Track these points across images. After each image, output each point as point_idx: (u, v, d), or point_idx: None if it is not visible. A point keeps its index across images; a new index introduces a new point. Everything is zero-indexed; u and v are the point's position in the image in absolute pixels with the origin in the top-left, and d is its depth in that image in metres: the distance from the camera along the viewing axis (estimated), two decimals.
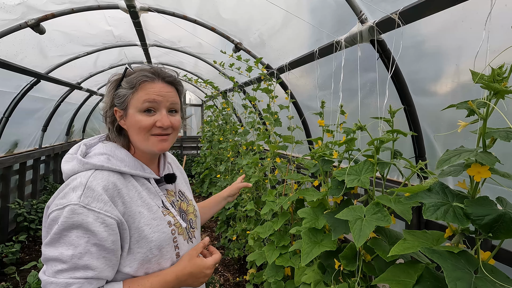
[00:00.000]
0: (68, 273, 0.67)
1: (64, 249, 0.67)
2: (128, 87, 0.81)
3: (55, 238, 0.68)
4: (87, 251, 0.68)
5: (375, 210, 0.89)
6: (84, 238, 0.68)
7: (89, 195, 0.70)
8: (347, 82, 1.74)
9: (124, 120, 0.83)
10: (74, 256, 0.67)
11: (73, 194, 0.70)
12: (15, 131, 3.65)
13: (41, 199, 4.22)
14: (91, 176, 0.73)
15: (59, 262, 0.67)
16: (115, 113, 0.84)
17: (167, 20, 2.77)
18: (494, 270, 0.66)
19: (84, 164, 0.76)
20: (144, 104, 0.80)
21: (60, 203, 0.70)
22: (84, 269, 0.68)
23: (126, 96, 0.81)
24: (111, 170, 0.77)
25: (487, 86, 0.66)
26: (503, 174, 0.70)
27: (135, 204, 0.78)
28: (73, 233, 0.68)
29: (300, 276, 1.33)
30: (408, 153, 1.60)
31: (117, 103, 0.82)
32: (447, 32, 1.27)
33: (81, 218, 0.68)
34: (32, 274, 2.59)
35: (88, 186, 0.71)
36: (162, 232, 0.81)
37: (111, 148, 0.82)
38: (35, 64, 3.13)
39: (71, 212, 0.68)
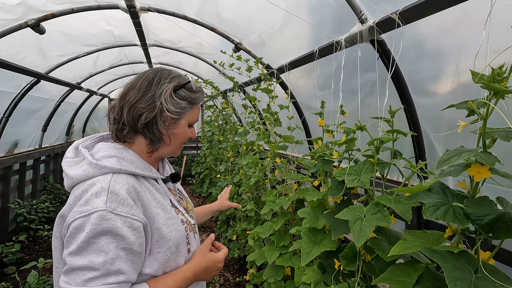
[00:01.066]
0: (100, 280, 0.66)
1: (94, 256, 0.66)
2: (190, 102, 0.85)
3: (82, 246, 0.66)
4: (117, 256, 0.68)
5: (375, 210, 0.89)
6: (113, 243, 0.68)
7: (114, 200, 0.69)
8: (347, 82, 1.74)
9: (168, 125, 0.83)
10: (106, 262, 0.66)
11: (97, 200, 0.68)
12: (15, 131, 3.65)
13: (41, 199, 4.22)
14: (111, 180, 0.72)
15: (89, 270, 0.66)
16: (165, 117, 0.82)
17: (167, 20, 2.77)
18: (494, 270, 0.66)
19: (100, 168, 0.74)
20: (194, 121, 0.90)
21: (83, 210, 0.68)
22: (116, 274, 0.68)
23: (186, 108, 0.85)
24: (127, 173, 0.77)
25: (487, 86, 0.66)
26: (503, 174, 0.70)
27: (152, 205, 0.78)
28: (102, 240, 0.67)
29: (300, 276, 1.33)
30: (408, 153, 1.60)
31: (174, 111, 0.82)
32: (447, 32, 1.27)
33: (111, 224, 0.67)
34: (32, 274, 2.59)
35: (111, 190, 0.70)
36: (178, 231, 0.83)
37: (118, 150, 0.80)
38: (35, 64, 3.13)
39: (100, 218, 0.67)
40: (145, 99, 0.80)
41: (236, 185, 3.00)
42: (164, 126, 0.82)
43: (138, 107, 0.79)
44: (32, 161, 4.15)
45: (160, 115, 0.81)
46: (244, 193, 2.43)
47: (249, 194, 2.43)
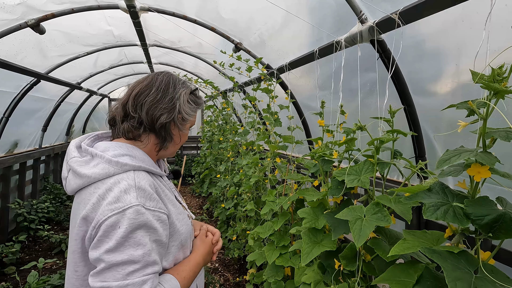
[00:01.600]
0: (140, 272, 0.69)
1: (133, 250, 0.68)
2: (196, 107, 0.94)
3: (120, 242, 0.68)
4: (152, 248, 0.72)
5: (375, 210, 0.89)
6: (147, 236, 0.71)
7: (142, 195, 0.72)
8: (347, 82, 1.74)
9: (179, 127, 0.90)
10: (145, 254, 0.70)
11: (129, 196, 0.71)
12: (15, 131, 3.65)
13: (41, 199, 4.22)
14: (135, 176, 0.75)
15: (130, 264, 0.68)
16: (178, 118, 0.88)
17: (167, 20, 2.77)
18: (494, 270, 0.66)
19: (121, 166, 0.75)
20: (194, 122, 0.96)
21: (116, 207, 0.69)
22: (153, 265, 0.71)
23: (193, 112, 0.93)
24: (144, 170, 0.80)
25: (487, 86, 0.66)
26: (503, 174, 0.70)
27: (164, 200, 0.81)
28: (138, 233, 0.69)
29: (300, 276, 1.33)
30: (408, 153, 1.60)
31: (188, 113, 0.90)
32: (447, 32, 1.27)
33: (146, 217, 0.70)
34: (32, 274, 2.59)
35: (138, 186, 0.73)
36: (187, 225, 0.88)
37: (127, 148, 0.81)
38: (35, 64, 3.13)
39: (136, 213, 0.69)
40: (165, 101, 0.85)
41: (236, 185, 3.00)
42: (177, 127, 0.89)
43: (159, 108, 0.83)
44: (32, 161, 4.15)
45: (177, 117, 0.87)
46: (244, 193, 2.43)
47: (249, 194, 2.43)
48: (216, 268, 3.15)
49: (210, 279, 2.60)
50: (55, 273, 2.77)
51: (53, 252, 3.44)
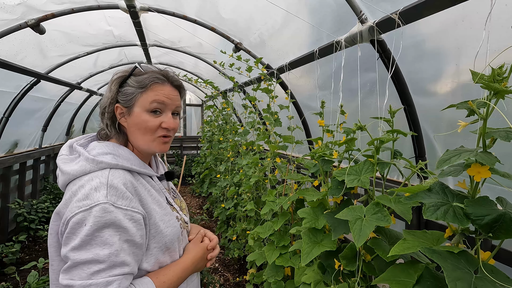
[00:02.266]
0: (106, 272, 0.67)
1: (99, 249, 0.67)
2: (138, 86, 0.81)
3: (86, 240, 0.66)
4: (121, 248, 0.69)
5: (375, 210, 0.89)
6: (116, 236, 0.68)
7: (113, 194, 0.70)
8: (347, 82, 1.74)
9: (125, 118, 0.83)
10: (112, 254, 0.67)
11: (98, 194, 0.69)
12: (15, 131, 3.65)
13: (41, 199, 4.22)
14: (109, 174, 0.73)
15: (95, 263, 0.66)
16: (115, 109, 0.83)
17: (167, 20, 2.77)
18: (494, 270, 0.66)
19: (97, 164, 0.75)
20: (152, 104, 0.81)
21: (84, 204, 0.68)
22: (121, 266, 0.69)
23: (134, 94, 0.81)
24: (124, 169, 0.78)
25: (487, 86, 0.66)
26: (503, 174, 0.70)
27: (148, 201, 0.79)
28: (105, 232, 0.67)
29: (300, 276, 1.33)
30: (408, 153, 1.61)
31: (122, 100, 0.82)
32: (447, 32, 1.27)
33: (114, 216, 0.68)
34: (32, 274, 2.59)
35: (110, 184, 0.71)
36: (174, 227, 0.84)
37: (113, 147, 0.81)
38: (35, 64, 3.13)
39: (102, 211, 0.67)
40: (104, 101, 0.84)
41: (236, 185, 3.00)
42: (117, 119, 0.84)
43: (104, 105, 0.84)
44: (32, 161, 4.15)
45: (110, 108, 0.83)
46: (244, 193, 2.43)
47: (249, 194, 2.43)
48: (216, 268, 3.15)
49: (210, 279, 2.60)
50: None
51: None
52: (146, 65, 0.86)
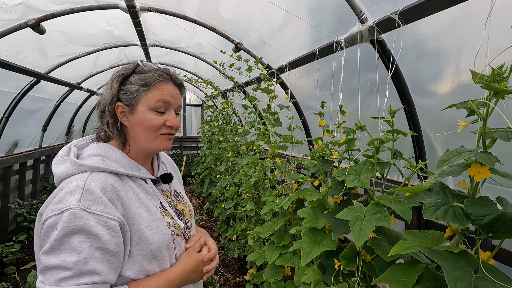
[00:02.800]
0: (73, 280, 0.64)
1: (67, 255, 0.64)
2: (142, 84, 0.79)
3: (55, 245, 0.65)
4: (91, 256, 0.66)
5: (375, 210, 0.89)
6: (87, 243, 0.66)
7: (88, 198, 0.68)
8: (347, 82, 1.74)
9: (127, 117, 0.81)
10: (79, 262, 0.65)
11: (71, 198, 0.67)
12: (15, 131, 3.65)
13: (41, 199, 4.22)
14: (88, 178, 0.71)
15: (62, 270, 0.64)
16: (116, 108, 0.80)
17: (167, 20, 2.77)
18: (494, 270, 0.66)
19: (79, 166, 0.73)
20: (158, 103, 0.80)
21: (57, 208, 0.66)
22: (90, 275, 0.66)
23: (137, 92, 0.79)
24: (108, 172, 0.75)
25: (487, 86, 0.66)
26: (503, 174, 0.70)
27: (134, 205, 0.76)
28: (74, 238, 0.65)
29: (300, 276, 1.33)
30: (408, 153, 1.61)
31: (124, 98, 0.80)
32: (447, 32, 1.27)
33: (83, 222, 0.65)
34: (32, 274, 2.59)
35: (86, 188, 0.68)
36: (162, 234, 0.79)
37: (105, 149, 0.79)
38: (35, 64, 3.13)
39: (71, 216, 0.65)
40: (105, 99, 0.81)
41: (236, 185, 3.00)
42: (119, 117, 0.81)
43: (104, 103, 0.81)
44: (32, 161, 4.15)
45: (111, 106, 0.80)
46: (244, 193, 2.43)
47: (249, 194, 2.43)
48: (216, 268, 3.15)
49: (210, 279, 2.60)
50: None
51: None
52: (147, 63, 0.84)
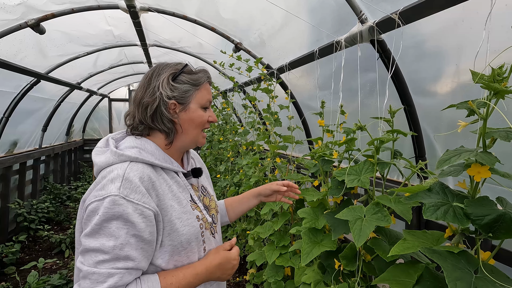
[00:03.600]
0: (110, 264, 0.68)
1: (105, 240, 0.68)
2: (193, 84, 0.86)
3: (95, 228, 0.69)
4: (127, 242, 0.69)
5: (375, 210, 0.89)
6: (124, 229, 0.69)
7: (127, 187, 0.71)
8: (347, 82, 1.74)
9: (178, 114, 0.85)
10: (116, 247, 0.68)
11: (112, 186, 0.71)
12: (15, 131, 3.65)
13: (41, 199, 4.22)
14: (127, 167, 0.75)
15: (100, 253, 0.68)
16: (169, 106, 0.83)
17: (167, 20, 2.77)
18: (494, 270, 0.66)
19: (119, 156, 0.77)
20: (206, 102, 0.88)
21: (99, 194, 0.71)
22: (125, 260, 0.69)
23: (190, 92, 0.85)
24: (144, 163, 0.79)
25: (487, 86, 0.66)
26: (503, 174, 0.70)
27: (167, 197, 0.79)
28: (113, 224, 0.69)
29: (300, 276, 1.33)
30: (408, 153, 1.60)
31: (178, 95, 0.84)
32: (447, 32, 1.27)
33: (122, 209, 0.69)
34: (32, 274, 2.59)
35: (125, 177, 0.72)
36: (192, 226, 0.82)
37: (141, 142, 0.83)
38: (35, 64, 3.13)
39: (112, 203, 0.69)
40: (147, 94, 0.83)
41: (236, 185, 3.00)
42: (171, 114, 0.84)
43: (143, 103, 0.83)
44: (32, 161, 4.15)
45: (164, 104, 0.82)
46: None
47: None
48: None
49: None
50: (55, 273, 2.77)
51: (53, 252, 3.44)
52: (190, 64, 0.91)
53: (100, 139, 4.23)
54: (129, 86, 7.03)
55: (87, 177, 5.98)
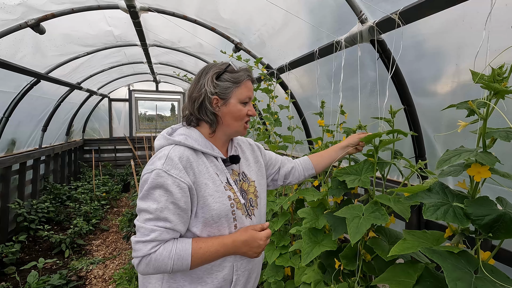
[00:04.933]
0: (153, 222, 0.85)
1: (151, 203, 0.86)
2: (234, 81, 0.98)
3: (145, 194, 0.87)
4: (166, 207, 0.86)
5: (373, 208, 0.89)
6: (164, 196, 0.86)
7: (169, 163, 0.88)
8: (347, 82, 1.74)
9: (220, 107, 0.98)
10: (157, 210, 0.85)
11: (158, 162, 0.88)
12: (15, 131, 3.65)
13: (41, 199, 4.22)
14: (171, 149, 0.92)
15: (147, 213, 0.86)
16: (212, 100, 0.97)
17: (167, 20, 2.77)
18: (494, 270, 0.66)
19: (167, 140, 0.96)
20: (246, 98, 1.00)
21: (149, 168, 0.89)
22: (164, 221, 0.86)
23: (230, 88, 0.98)
24: (186, 146, 0.95)
25: (487, 86, 0.66)
26: (503, 174, 0.70)
27: (203, 176, 0.93)
28: (157, 192, 0.86)
29: (300, 276, 1.33)
30: (408, 153, 1.61)
31: (219, 91, 0.97)
32: (447, 32, 1.27)
33: (163, 180, 0.86)
34: (32, 274, 2.59)
35: (169, 156, 0.89)
36: (222, 204, 0.94)
37: (189, 130, 1.00)
38: (35, 64, 3.13)
39: (156, 175, 0.86)
40: (196, 89, 0.99)
41: None
42: (213, 108, 0.97)
43: (192, 96, 0.99)
44: (32, 161, 4.15)
45: (208, 99, 0.97)
46: None
47: None
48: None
49: None
50: (55, 273, 2.77)
51: (53, 252, 3.44)
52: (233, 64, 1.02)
53: (100, 139, 4.27)
54: (129, 86, 7.03)
55: (87, 177, 5.97)
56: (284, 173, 1.25)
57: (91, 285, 2.85)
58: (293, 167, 1.27)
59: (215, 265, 0.95)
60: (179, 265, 0.87)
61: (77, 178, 6.05)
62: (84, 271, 3.07)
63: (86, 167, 6.40)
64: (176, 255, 0.86)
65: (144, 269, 0.86)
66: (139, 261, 0.86)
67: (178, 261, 0.86)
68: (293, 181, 1.27)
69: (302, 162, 1.28)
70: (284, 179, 1.26)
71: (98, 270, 3.11)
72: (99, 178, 5.75)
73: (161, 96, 7.43)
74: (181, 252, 0.87)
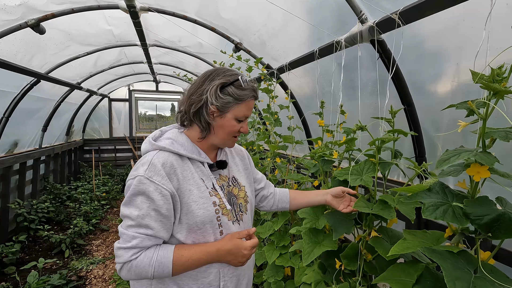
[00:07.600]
0: (135, 229, 0.85)
1: (133, 209, 0.85)
2: (236, 98, 0.94)
3: (127, 200, 0.87)
4: (148, 214, 0.85)
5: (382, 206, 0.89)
6: (146, 203, 0.85)
7: (152, 170, 0.87)
8: (347, 82, 1.74)
9: (215, 118, 0.95)
10: (139, 216, 0.85)
11: (141, 168, 0.88)
12: (15, 131, 3.65)
13: (41, 199, 4.22)
14: (155, 155, 0.91)
15: (129, 219, 0.86)
16: (210, 110, 0.94)
17: (167, 20, 2.77)
18: (493, 270, 0.66)
19: (152, 145, 0.95)
20: (242, 116, 0.97)
21: (132, 174, 0.89)
22: (145, 228, 0.85)
23: (231, 104, 0.94)
24: (171, 152, 0.93)
25: (487, 86, 0.66)
26: (503, 174, 0.70)
27: (188, 182, 0.92)
28: (139, 198, 0.86)
29: (300, 276, 1.33)
30: (408, 153, 1.61)
31: (219, 104, 0.93)
32: (448, 32, 1.27)
33: (145, 187, 0.85)
34: (32, 274, 2.59)
35: (152, 162, 0.88)
36: (206, 210, 0.93)
37: (177, 134, 0.98)
38: (35, 64, 3.13)
39: (138, 181, 0.86)
40: (197, 92, 0.95)
41: None
42: (208, 117, 0.94)
43: (191, 99, 0.95)
44: (32, 161, 4.15)
45: (206, 107, 0.94)
46: None
47: None
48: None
49: None
50: (55, 273, 2.78)
51: (53, 252, 3.44)
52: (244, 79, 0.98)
53: (100, 139, 4.28)
54: (129, 86, 7.03)
55: (87, 177, 5.96)
56: (262, 195, 1.24)
57: (91, 285, 2.85)
58: (272, 193, 1.26)
59: (200, 271, 0.94)
60: (160, 272, 0.86)
61: (77, 178, 6.05)
62: (84, 271, 3.07)
63: (86, 167, 6.40)
64: (157, 262, 0.85)
65: (126, 275, 0.86)
66: (120, 267, 0.86)
67: (159, 268, 0.85)
68: (265, 207, 1.26)
69: (280, 192, 1.27)
70: (259, 202, 1.25)
71: (98, 270, 3.11)
72: (99, 178, 5.75)
73: (161, 96, 7.43)
74: (162, 259, 0.86)
